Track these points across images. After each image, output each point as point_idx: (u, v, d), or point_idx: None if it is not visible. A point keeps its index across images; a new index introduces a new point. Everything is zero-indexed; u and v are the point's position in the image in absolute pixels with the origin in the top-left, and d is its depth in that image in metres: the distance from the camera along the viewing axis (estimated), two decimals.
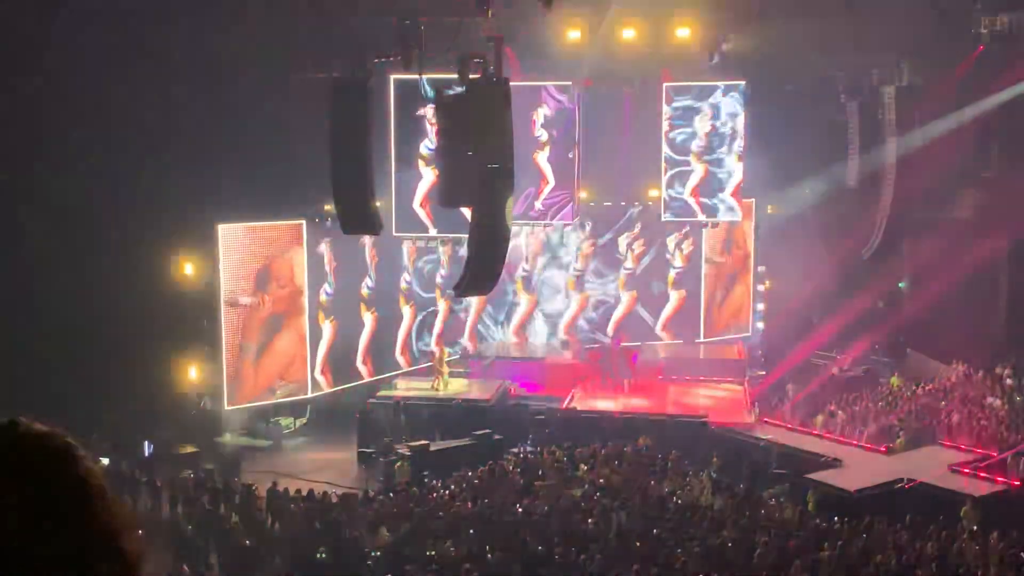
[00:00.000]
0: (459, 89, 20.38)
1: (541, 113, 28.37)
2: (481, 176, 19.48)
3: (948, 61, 27.22)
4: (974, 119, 28.25)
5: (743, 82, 28.20)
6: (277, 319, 26.20)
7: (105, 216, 23.37)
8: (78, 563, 1.42)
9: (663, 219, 30.12)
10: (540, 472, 21.46)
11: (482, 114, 19.57)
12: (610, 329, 31.38)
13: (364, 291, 28.09)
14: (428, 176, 26.34)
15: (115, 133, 23.49)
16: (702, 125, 28.80)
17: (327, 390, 27.16)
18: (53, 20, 22.03)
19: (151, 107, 24.07)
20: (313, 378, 26.87)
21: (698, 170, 28.90)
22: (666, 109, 28.72)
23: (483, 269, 20.49)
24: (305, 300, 26.47)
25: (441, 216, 25.90)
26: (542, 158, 28.64)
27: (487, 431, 24.08)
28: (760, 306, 32.67)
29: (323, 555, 16.88)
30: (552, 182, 28.62)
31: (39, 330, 22.90)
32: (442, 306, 30.05)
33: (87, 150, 23.24)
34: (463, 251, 23.16)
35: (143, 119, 23.92)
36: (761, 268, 32.39)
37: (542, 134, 28.44)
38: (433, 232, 27.60)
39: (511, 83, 20.47)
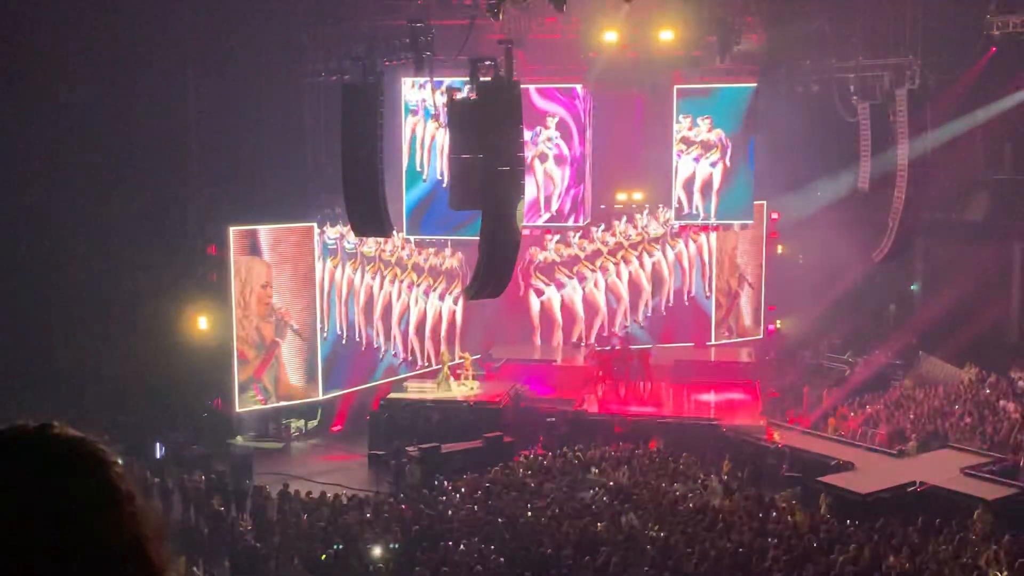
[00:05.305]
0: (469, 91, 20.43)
1: (553, 116, 28.42)
2: (491, 178, 19.52)
3: (961, 63, 27.12)
4: (987, 121, 28.15)
5: (755, 84, 28.14)
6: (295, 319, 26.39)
7: (117, 220, 23.46)
8: (105, 568, 1.43)
9: (674, 222, 30.08)
10: (551, 474, 21.45)
11: (492, 117, 19.61)
12: (621, 331, 31.34)
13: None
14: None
15: (125, 133, 23.60)
16: (713, 127, 28.75)
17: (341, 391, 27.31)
18: (60, 28, 22.15)
19: (161, 109, 24.18)
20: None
21: (709, 173, 28.85)
22: (677, 111, 28.68)
23: (494, 272, 20.53)
24: (316, 300, 26.51)
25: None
26: (552, 165, 28.68)
27: (498, 433, 24.08)
28: (771, 309, 32.60)
29: (333, 557, 16.90)
30: (560, 190, 28.68)
31: (52, 333, 23.00)
32: (447, 309, 30.05)
33: (98, 153, 23.35)
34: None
35: (153, 120, 24.03)
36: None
37: (553, 137, 28.49)
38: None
39: (522, 86, 20.53)
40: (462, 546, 16.77)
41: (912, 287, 33.01)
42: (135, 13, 23.10)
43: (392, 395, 26.78)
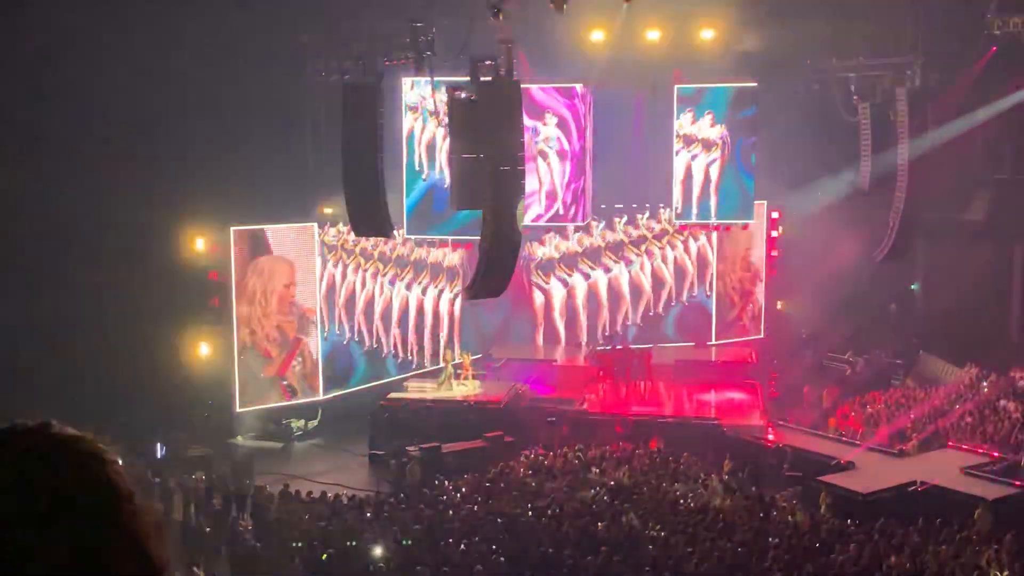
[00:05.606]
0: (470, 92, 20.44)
1: (552, 115, 28.44)
2: (492, 178, 19.55)
3: (961, 63, 27.11)
4: (987, 121, 28.13)
5: (755, 83, 28.13)
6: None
7: (116, 220, 23.44)
8: (104, 566, 1.43)
9: (675, 221, 30.07)
10: (552, 474, 21.45)
11: (493, 116, 19.64)
12: (622, 330, 31.33)
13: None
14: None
15: (126, 135, 23.59)
16: (714, 126, 28.75)
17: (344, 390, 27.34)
18: (58, 28, 22.16)
19: (163, 108, 24.17)
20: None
21: (710, 172, 28.85)
22: (677, 110, 28.67)
23: (494, 271, 20.55)
24: (318, 301, 26.53)
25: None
26: (554, 160, 28.71)
27: (499, 433, 24.08)
28: (773, 308, 32.59)
29: (334, 557, 16.90)
30: (561, 185, 28.71)
31: (50, 332, 22.97)
32: (446, 307, 30.04)
33: (98, 153, 23.34)
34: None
35: (155, 120, 24.02)
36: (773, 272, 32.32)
37: (552, 136, 28.52)
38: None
39: (522, 85, 20.54)
40: (462, 546, 16.78)
41: (912, 287, 33.00)
42: (133, 14, 23.09)
43: (392, 395, 26.78)
